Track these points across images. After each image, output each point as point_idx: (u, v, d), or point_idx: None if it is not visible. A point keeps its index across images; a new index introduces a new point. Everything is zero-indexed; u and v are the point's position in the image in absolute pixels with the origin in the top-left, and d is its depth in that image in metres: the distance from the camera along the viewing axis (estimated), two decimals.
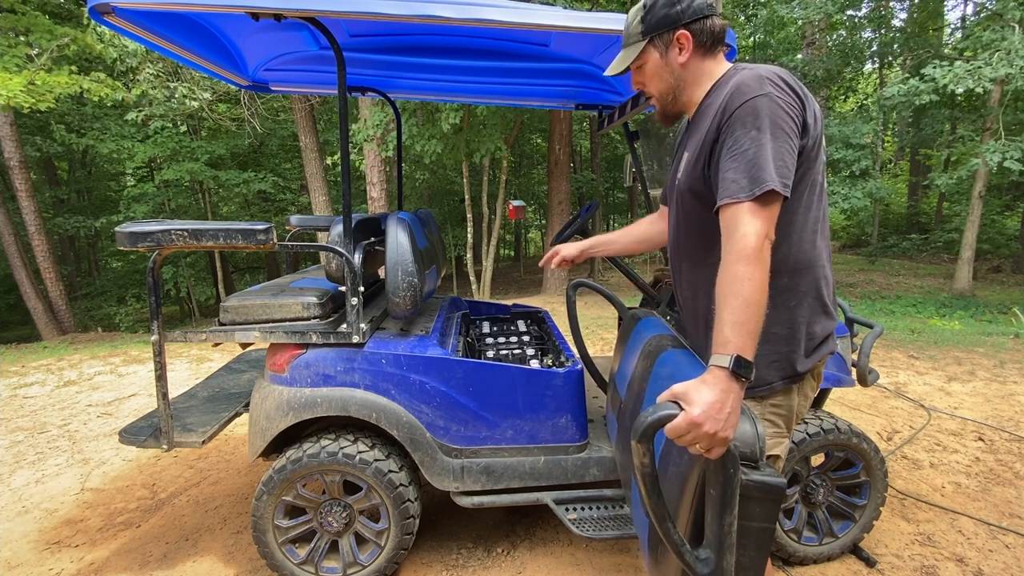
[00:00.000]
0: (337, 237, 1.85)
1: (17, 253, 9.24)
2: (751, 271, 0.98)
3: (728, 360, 0.94)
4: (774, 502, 1.00)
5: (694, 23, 1.20)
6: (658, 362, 1.41)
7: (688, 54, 1.22)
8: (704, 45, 1.22)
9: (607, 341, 5.41)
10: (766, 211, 1.02)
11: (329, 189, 9.85)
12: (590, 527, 1.88)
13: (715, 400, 0.92)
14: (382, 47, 2.24)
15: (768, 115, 1.06)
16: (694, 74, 1.25)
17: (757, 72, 1.12)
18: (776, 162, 1.03)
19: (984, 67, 6.99)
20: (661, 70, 1.26)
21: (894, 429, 3.30)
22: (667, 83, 1.28)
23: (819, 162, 1.17)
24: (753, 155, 1.04)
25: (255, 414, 1.92)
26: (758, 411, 1.25)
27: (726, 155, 1.09)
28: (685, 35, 1.21)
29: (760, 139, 1.05)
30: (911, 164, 18.13)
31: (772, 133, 1.05)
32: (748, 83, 1.10)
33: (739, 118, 1.08)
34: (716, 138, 1.13)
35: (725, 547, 0.97)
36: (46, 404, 4.14)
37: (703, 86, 1.25)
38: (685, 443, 0.94)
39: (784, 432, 1.27)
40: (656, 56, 1.25)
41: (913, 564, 2.10)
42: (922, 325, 6.55)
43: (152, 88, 7.66)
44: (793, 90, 1.11)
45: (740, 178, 1.04)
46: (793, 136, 1.08)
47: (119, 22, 1.58)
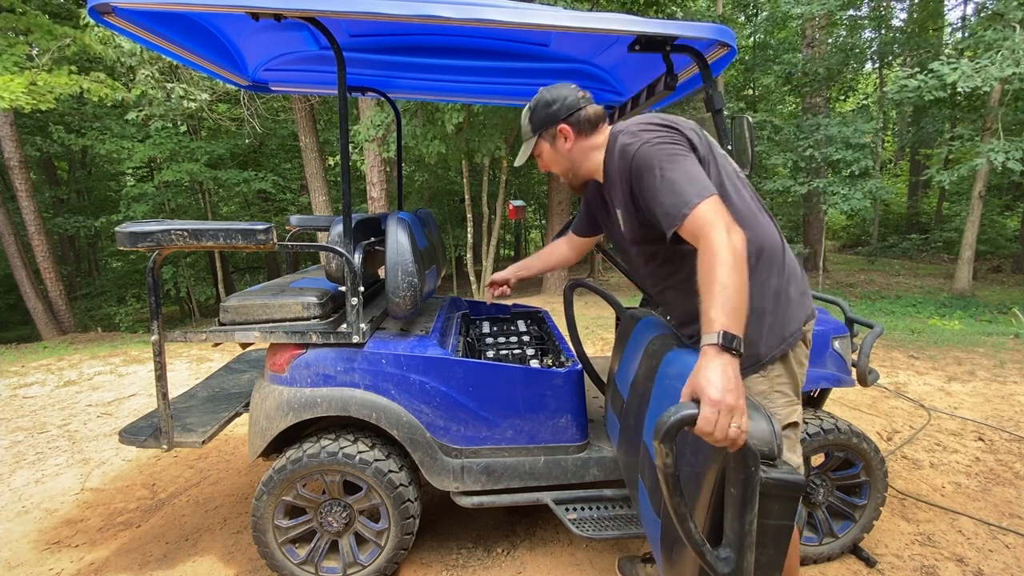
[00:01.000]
0: (337, 237, 1.85)
1: (17, 253, 9.24)
2: (721, 258, 1.08)
3: (716, 336, 1.00)
4: (793, 499, 1.00)
5: (570, 117, 1.46)
6: (664, 362, 1.41)
7: (571, 141, 1.48)
8: (584, 131, 1.47)
9: (607, 341, 5.41)
10: (705, 215, 1.15)
11: (329, 189, 9.85)
12: (590, 527, 1.88)
13: (720, 375, 0.96)
14: (382, 47, 2.24)
15: (655, 154, 1.25)
16: (583, 153, 1.49)
17: (628, 130, 1.34)
18: (685, 179, 1.20)
19: (990, 66, 6.98)
20: (555, 156, 1.53)
21: (894, 429, 3.30)
22: (563, 165, 1.54)
23: (720, 162, 1.36)
24: (665, 188, 1.21)
25: (255, 414, 1.92)
26: (766, 387, 1.36)
27: (648, 198, 1.27)
28: (565, 128, 1.47)
29: (662, 174, 1.23)
30: (911, 164, 18.13)
31: (668, 162, 1.23)
32: (627, 143, 1.32)
33: (637, 171, 1.28)
34: (631, 191, 1.34)
35: (746, 546, 0.97)
36: (46, 404, 4.14)
37: (596, 157, 1.48)
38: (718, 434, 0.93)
39: (795, 400, 1.40)
40: (547, 146, 1.52)
41: (913, 564, 2.10)
42: (922, 325, 6.55)
43: (151, 88, 7.66)
44: (662, 125, 1.31)
45: (667, 209, 1.20)
46: (686, 154, 1.26)
47: (119, 22, 1.58)
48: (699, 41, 1.74)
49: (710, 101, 1.80)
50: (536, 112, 1.50)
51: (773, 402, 1.37)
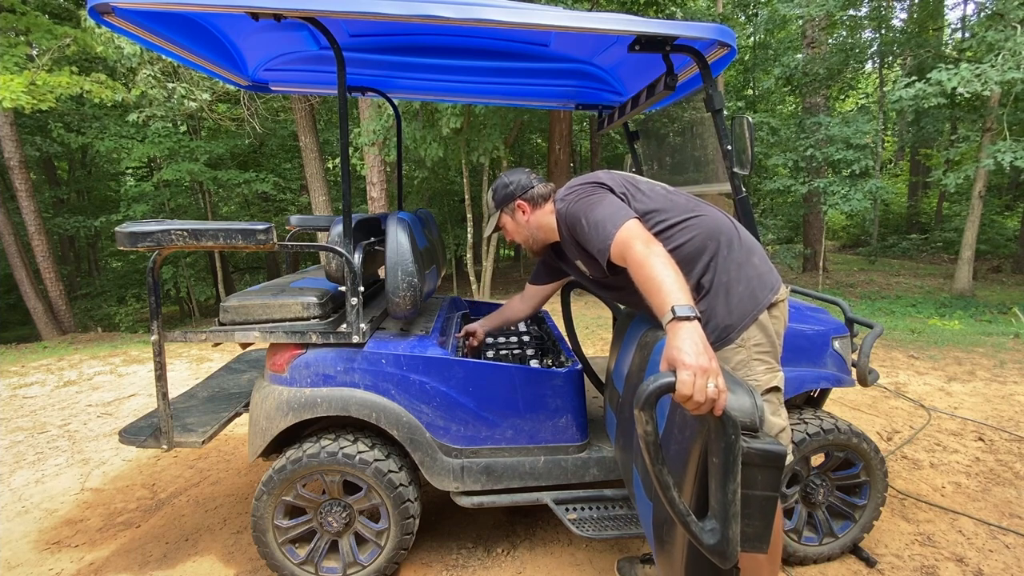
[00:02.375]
0: (337, 237, 1.85)
1: (17, 253, 9.23)
2: (642, 259, 1.24)
3: (671, 312, 1.10)
4: (776, 469, 1.01)
5: (524, 194, 1.77)
6: (655, 350, 1.43)
7: (528, 214, 1.78)
8: (537, 204, 1.77)
9: (606, 341, 5.41)
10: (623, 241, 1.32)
11: (329, 189, 9.84)
12: (590, 527, 1.88)
13: (688, 342, 1.03)
14: (382, 47, 2.24)
15: (578, 207, 1.51)
16: (537, 223, 1.78)
17: (559, 197, 1.65)
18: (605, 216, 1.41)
19: (990, 70, 6.98)
20: (516, 227, 1.82)
21: (894, 429, 3.30)
22: (523, 234, 1.81)
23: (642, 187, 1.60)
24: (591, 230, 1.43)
25: (255, 414, 1.92)
26: (745, 356, 1.47)
27: (586, 246, 1.49)
28: (521, 204, 1.77)
29: (587, 218, 1.46)
30: (911, 164, 18.13)
31: (589, 207, 1.47)
32: (560, 209, 1.63)
33: (572, 227, 1.55)
34: (576, 243, 1.57)
35: (730, 516, 0.98)
36: (46, 404, 4.14)
37: (550, 221, 1.75)
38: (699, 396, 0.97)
39: (775, 365, 1.51)
40: (509, 219, 1.82)
41: (913, 564, 2.10)
42: (922, 325, 6.55)
43: (151, 88, 7.66)
44: (581, 184, 1.58)
45: (598, 245, 1.41)
46: (603, 193, 1.50)
47: (119, 22, 1.57)
48: (699, 41, 1.74)
49: (710, 101, 1.80)
50: (497, 192, 1.81)
51: (752, 370, 1.47)
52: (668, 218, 1.53)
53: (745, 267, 1.50)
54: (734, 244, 1.52)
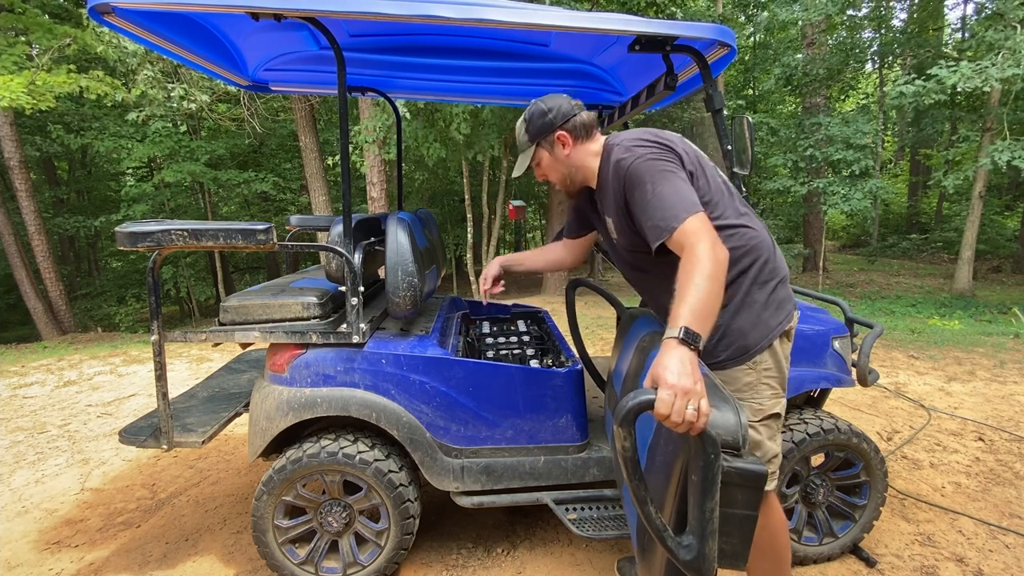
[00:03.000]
0: (337, 237, 1.85)
1: (17, 253, 9.23)
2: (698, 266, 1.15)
3: (678, 331, 1.06)
4: (756, 489, 1.01)
5: (566, 123, 1.52)
6: (650, 357, 1.43)
7: (570, 147, 1.54)
8: (580, 136, 1.53)
9: (607, 341, 5.41)
10: (691, 230, 1.21)
11: (329, 189, 9.84)
12: (590, 527, 1.88)
13: (676, 362, 1.01)
14: (382, 47, 2.24)
15: (647, 170, 1.32)
16: (580, 159, 1.55)
17: (623, 144, 1.40)
18: (675, 196, 1.26)
19: (991, 67, 6.99)
20: (553, 163, 1.58)
21: (894, 429, 3.30)
22: (560, 172, 1.59)
23: (709, 174, 1.44)
24: (656, 202, 1.28)
25: (255, 414, 1.92)
26: (754, 378, 1.43)
27: (638, 211, 1.34)
28: (563, 135, 1.53)
29: (653, 189, 1.29)
30: (911, 164, 18.13)
31: (660, 179, 1.30)
32: (621, 158, 1.38)
33: (630, 185, 1.35)
34: (625, 203, 1.40)
35: (707, 533, 0.98)
36: (46, 404, 4.14)
37: (591, 164, 1.55)
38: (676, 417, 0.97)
39: (780, 392, 1.46)
40: (546, 154, 1.58)
41: (913, 564, 2.10)
42: (922, 325, 6.55)
43: (151, 88, 7.66)
44: (657, 141, 1.38)
45: (656, 222, 1.27)
46: (677, 170, 1.33)
47: (119, 22, 1.57)
48: (699, 41, 1.74)
49: (710, 101, 1.81)
50: (532, 122, 1.55)
51: (759, 393, 1.42)
52: (720, 217, 1.41)
53: (772, 290, 1.44)
54: (767, 265, 1.45)
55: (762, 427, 1.43)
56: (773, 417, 1.45)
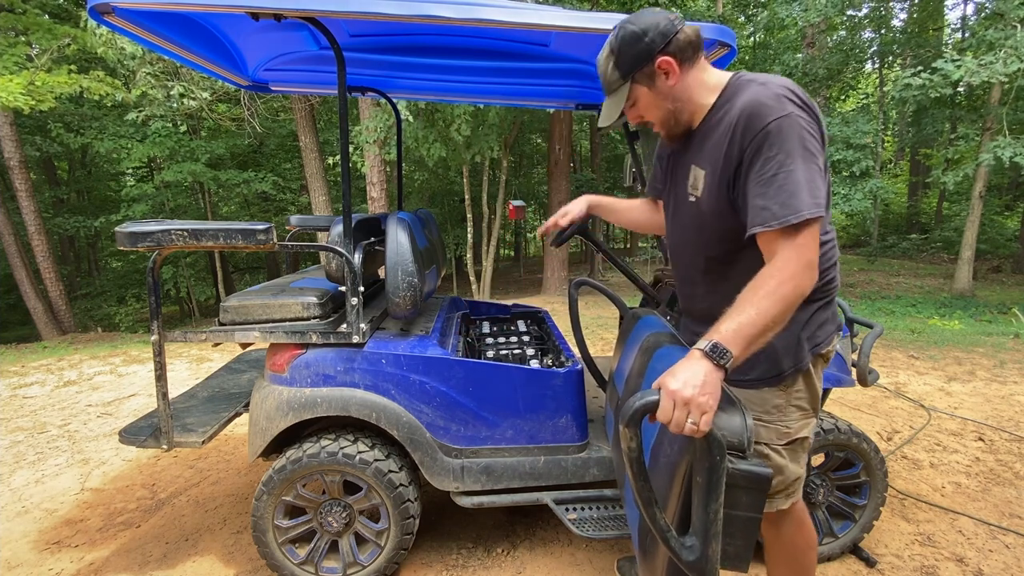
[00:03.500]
0: (337, 237, 1.85)
1: (17, 253, 9.23)
2: (778, 288, 1.00)
3: (706, 344, 0.97)
4: (760, 491, 1.01)
5: (668, 45, 1.17)
6: (655, 357, 1.42)
7: (676, 76, 1.20)
8: (687, 59, 1.20)
9: (607, 341, 5.41)
10: (801, 236, 1.03)
11: (329, 189, 9.84)
12: (590, 527, 1.88)
13: (689, 373, 0.95)
14: (382, 47, 2.24)
15: (794, 137, 1.05)
16: (688, 91, 1.23)
17: (772, 89, 1.09)
18: (809, 186, 1.03)
19: (995, 63, 7.01)
20: (655, 100, 1.24)
21: (894, 429, 3.30)
22: (665, 109, 1.25)
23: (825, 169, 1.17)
24: (783, 181, 1.04)
25: (255, 414, 1.92)
26: (783, 401, 1.29)
27: (754, 180, 1.07)
28: (666, 60, 1.18)
29: (789, 164, 1.04)
30: (911, 164, 18.14)
31: (801, 156, 1.04)
32: (766, 102, 1.07)
33: (763, 141, 1.06)
34: (740, 161, 1.11)
35: (711, 534, 0.98)
36: (46, 404, 4.14)
37: (701, 98, 1.23)
38: (676, 423, 0.94)
39: (811, 414, 1.32)
40: (645, 90, 1.23)
41: (913, 564, 2.10)
42: (922, 325, 6.55)
43: (151, 88, 7.66)
44: (809, 107, 1.10)
45: (771, 205, 1.04)
46: (819, 155, 1.08)
47: (119, 22, 1.57)
48: None
49: None
50: (622, 52, 1.20)
51: (787, 416, 1.30)
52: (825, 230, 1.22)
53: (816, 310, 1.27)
54: (829, 284, 1.27)
55: (786, 451, 1.31)
56: (800, 441, 1.32)
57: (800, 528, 1.42)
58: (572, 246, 18.99)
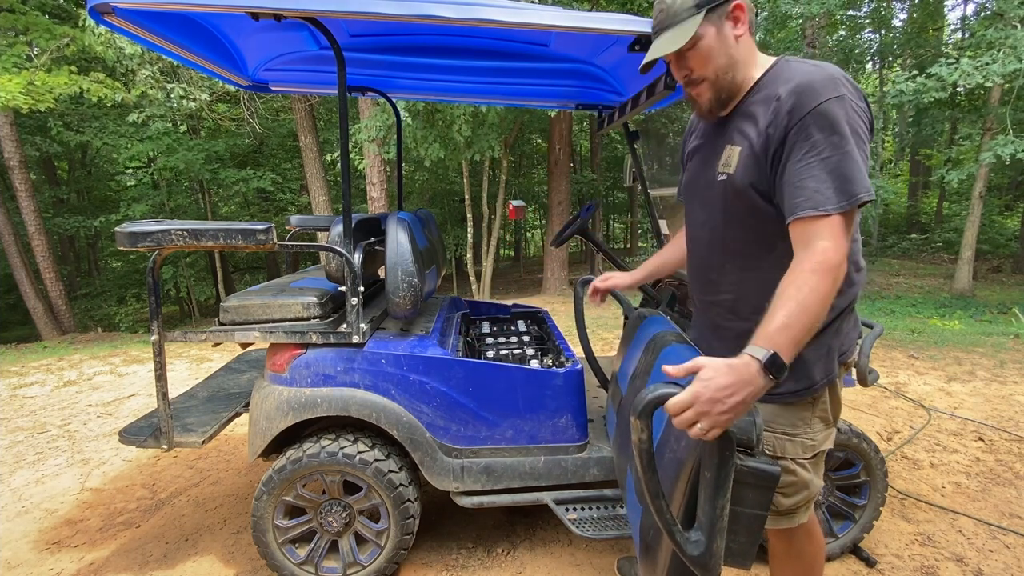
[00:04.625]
0: (337, 237, 1.85)
1: (17, 253, 9.23)
2: (820, 283, 0.95)
3: (764, 354, 0.91)
4: (768, 489, 1.01)
5: None
6: (661, 356, 1.42)
7: (744, 27, 1.13)
8: (752, 23, 1.15)
9: (607, 341, 5.41)
10: (850, 225, 1.00)
11: (329, 189, 9.85)
12: (590, 527, 1.88)
13: (728, 383, 0.89)
14: (382, 47, 2.24)
15: (848, 121, 1.01)
16: (747, 53, 1.15)
17: (825, 71, 1.05)
18: (858, 172, 1.00)
19: (992, 64, 7.00)
20: (718, 48, 1.13)
21: (894, 429, 3.30)
22: (723, 63, 1.14)
23: None
24: (837, 163, 0.99)
25: (255, 414, 1.92)
26: (809, 413, 1.24)
27: (803, 161, 1.01)
28: (741, 6, 1.11)
29: (844, 146, 1.00)
30: (911, 164, 18.14)
31: (854, 140, 1.00)
32: (820, 82, 1.03)
33: (815, 121, 1.01)
34: (783, 139, 1.06)
35: (716, 530, 0.98)
36: (46, 404, 4.14)
37: (751, 68, 1.16)
38: (684, 420, 0.91)
39: (832, 424, 1.30)
40: (713, 32, 1.12)
41: (913, 564, 2.10)
42: (922, 325, 6.55)
43: (151, 88, 7.66)
44: (862, 94, 1.07)
45: (825, 188, 0.99)
46: (868, 143, 1.04)
47: (119, 22, 1.57)
48: None
49: None
50: None
51: (812, 428, 1.25)
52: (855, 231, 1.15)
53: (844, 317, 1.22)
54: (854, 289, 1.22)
55: (811, 464, 1.27)
56: (821, 454, 1.29)
57: (810, 538, 1.41)
58: (572, 246, 18.99)
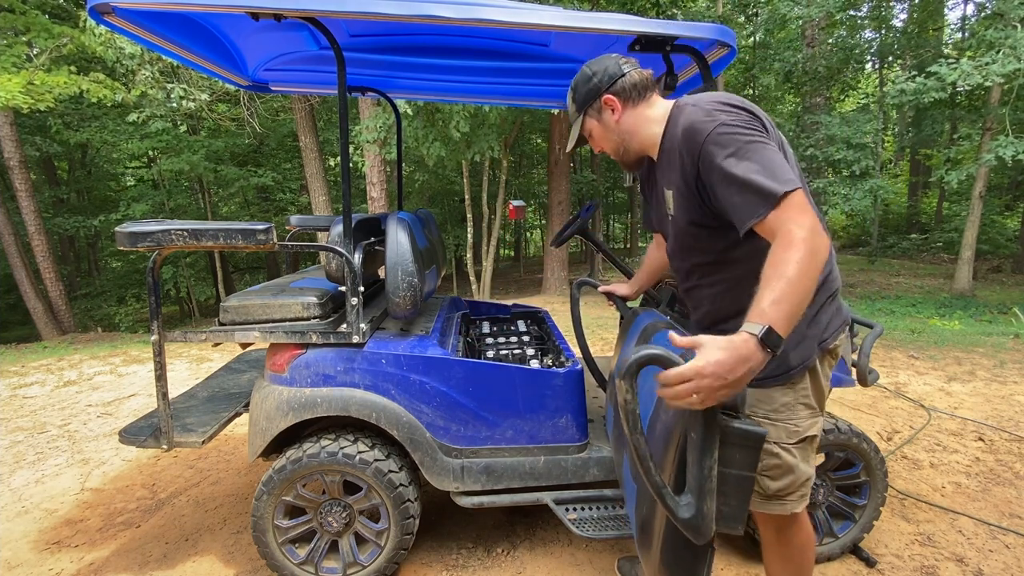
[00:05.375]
0: (337, 237, 1.85)
1: (17, 253, 9.23)
2: (799, 255, 0.99)
3: (759, 328, 0.94)
4: (754, 449, 1.02)
5: (612, 86, 1.33)
6: (652, 341, 1.43)
7: (619, 112, 1.36)
8: (631, 99, 1.34)
9: (607, 341, 5.41)
10: (791, 208, 1.04)
11: (329, 189, 9.85)
12: (590, 527, 1.88)
13: (729, 359, 0.92)
14: (382, 47, 2.24)
15: (734, 137, 1.12)
16: (633, 125, 1.36)
17: (702, 107, 1.20)
18: (768, 170, 1.08)
19: (991, 64, 7.00)
20: (604, 133, 1.41)
21: (894, 429, 3.30)
22: (613, 142, 1.41)
23: (791, 160, 1.22)
24: (743, 173, 1.09)
25: (255, 414, 1.92)
26: (791, 398, 1.32)
27: (722, 191, 1.13)
28: (609, 99, 1.35)
29: (743, 156, 1.10)
30: (911, 164, 18.13)
31: (749, 148, 1.11)
32: (697, 120, 1.17)
33: (709, 153, 1.14)
34: (697, 174, 1.19)
35: (705, 491, 0.99)
36: (46, 404, 4.14)
37: (649, 129, 1.35)
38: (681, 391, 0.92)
39: (818, 412, 1.35)
40: (595, 123, 1.40)
41: (913, 564, 2.10)
42: (922, 325, 6.55)
43: (151, 88, 7.66)
44: (739, 107, 1.18)
45: (750, 197, 1.08)
46: (763, 139, 1.13)
47: (119, 22, 1.58)
48: (699, 41, 1.74)
49: None
50: (578, 89, 1.39)
51: (796, 414, 1.32)
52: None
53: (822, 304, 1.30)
54: (829, 276, 1.31)
55: (796, 449, 1.32)
56: (809, 440, 1.34)
57: (799, 528, 1.45)
58: (572, 246, 18.99)
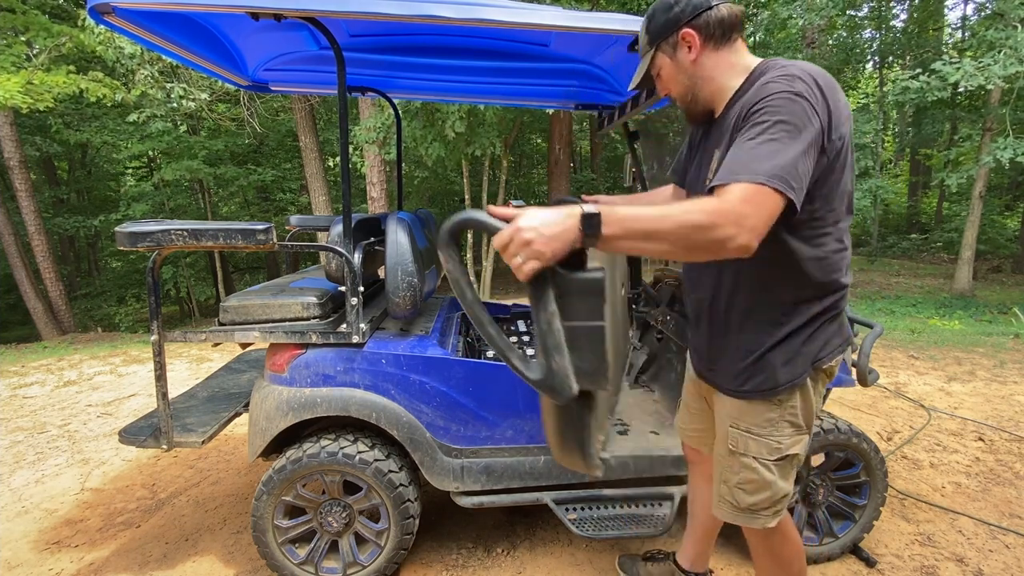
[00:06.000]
0: (337, 237, 1.85)
1: (17, 253, 9.23)
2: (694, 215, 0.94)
3: (590, 208, 0.94)
4: (593, 296, 1.00)
5: (696, 18, 1.17)
6: None
7: (697, 51, 1.20)
8: (713, 37, 1.18)
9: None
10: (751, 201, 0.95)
11: (329, 189, 9.84)
12: (590, 527, 1.88)
13: (545, 218, 0.93)
14: (382, 47, 2.24)
15: (789, 111, 1.01)
16: (710, 69, 1.21)
17: (789, 70, 1.08)
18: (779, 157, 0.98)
19: (993, 65, 7.00)
20: (675, 73, 1.25)
21: (894, 429, 3.30)
22: (683, 84, 1.25)
23: (848, 170, 1.14)
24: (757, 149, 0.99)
25: (255, 414, 1.92)
26: (776, 415, 1.26)
27: (737, 142, 1.04)
28: (689, 33, 1.18)
29: (768, 136, 1.00)
30: (911, 164, 18.13)
31: (787, 131, 1.00)
32: (777, 79, 1.06)
33: (758, 112, 1.04)
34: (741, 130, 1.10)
35: (550, 346, 0.98)
36: (46, 404, 4.14)
37: (725, 79, 1.21)
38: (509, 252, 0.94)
39: (804, 430, 1.28)
40: (668, 61, 1.24)
41: (913, 564, 2.10)
42: (922, 325, 6.55)
43: (151, 88, 7.66)
44: (822, 92, 1.06)
45: (735, 164, 0.99)
46: (810, 142, 1.02)
47: (119, 22, 1.57)
48: None
49: None
50: (655, 18, 1.22)
51: (779, 431, 1.26)
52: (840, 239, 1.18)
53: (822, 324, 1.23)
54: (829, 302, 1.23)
55: (775, 466, 1.27)
56: (790, 458, 1.28)
57: (785, 540, 1.42)
58: None
